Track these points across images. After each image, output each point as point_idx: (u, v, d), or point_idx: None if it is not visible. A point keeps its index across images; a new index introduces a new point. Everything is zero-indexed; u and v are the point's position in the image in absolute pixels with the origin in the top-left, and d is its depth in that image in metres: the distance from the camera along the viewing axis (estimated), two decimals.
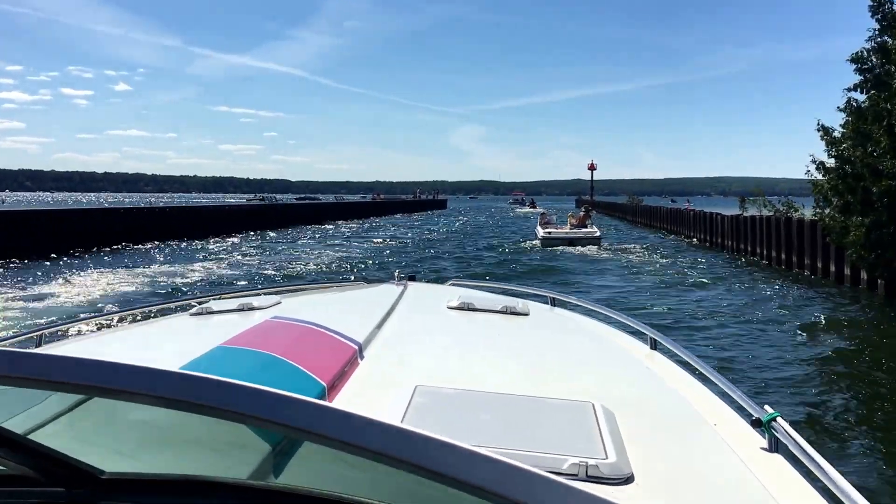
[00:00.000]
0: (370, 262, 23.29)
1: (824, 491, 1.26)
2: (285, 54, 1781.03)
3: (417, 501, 1.04)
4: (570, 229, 31.23)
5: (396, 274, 3.78)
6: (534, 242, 31.25)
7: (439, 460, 0.69)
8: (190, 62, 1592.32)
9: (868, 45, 14.82)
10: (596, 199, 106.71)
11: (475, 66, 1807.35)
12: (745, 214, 26.15)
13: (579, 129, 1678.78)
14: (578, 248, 28.12)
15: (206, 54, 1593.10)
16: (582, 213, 33.74)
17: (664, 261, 23.44)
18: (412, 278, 3.75)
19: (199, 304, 2.87)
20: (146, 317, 3.16)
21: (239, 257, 25.43)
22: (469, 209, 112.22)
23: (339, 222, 55.99)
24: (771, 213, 22.57)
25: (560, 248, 28.18)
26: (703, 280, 18.08)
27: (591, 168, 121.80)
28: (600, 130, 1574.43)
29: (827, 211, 16.03)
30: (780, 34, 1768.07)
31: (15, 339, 2.21)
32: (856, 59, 14.96)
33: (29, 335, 2.24)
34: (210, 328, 2.46)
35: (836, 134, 15.64)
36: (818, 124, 15.74)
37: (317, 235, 39.32)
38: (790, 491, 1.27)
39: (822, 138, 15.75)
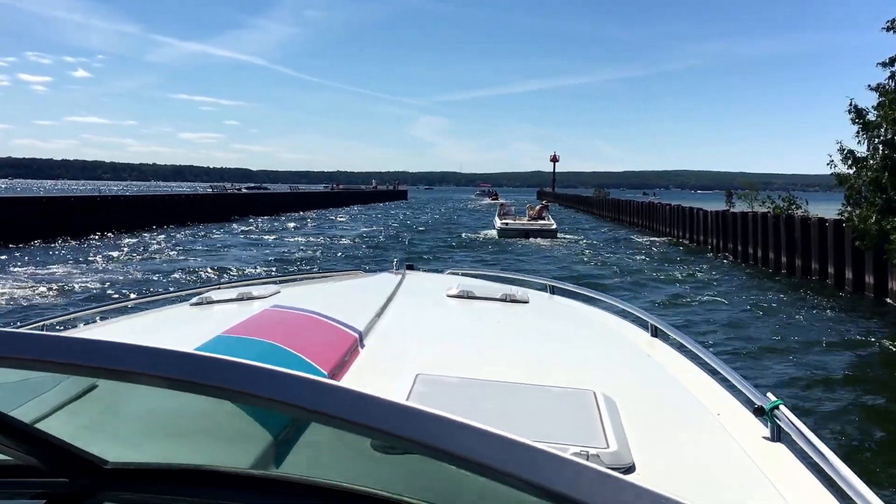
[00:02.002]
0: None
1: (827, 479, 1.23)
2: (246, 43, 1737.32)
3: (416, 489, 1.04)
4: (528, 221, 31.32)
5: (395, 262, 3.78)
6: (491, 233, 31.58)
7: (450, 439, 0.68)
8: (150, 49, 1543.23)
9: None
10: (558, 192, 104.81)
11: (436, 58, 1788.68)
12: (731, 210, 23.68)
13: (540, 121, 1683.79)
14: (533, 239, 28.20)
15: (166, 42, 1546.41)
16: (539, 206, 33.67)
17: (643, 259, 20.62)
18: (410, 267, 3.72)
19: (200, 293, 2.81)
20: (148, 306, 2.97)
21: (112, 265, 21.55)
22: (428, 201, 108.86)
23: (289, 214, 52.01)
24: (769, 210, 19.87)
25: (517, 239, 28.23)
26: (698, 283, 15.24)
27: (554, 160, 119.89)
28: (560, 124, 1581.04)
29: (858, 211, 13.15)
30: (738, 30, 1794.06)
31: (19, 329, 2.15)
32: None
33: (33, 325, 2.27)
34: (210, 317, 2.45)
35: (871, 117, 12.82)
36: (850, 105, 12.89)
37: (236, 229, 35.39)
38: (792, 479, 1.25)
39: (853, 121, 12.91)
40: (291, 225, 39.82)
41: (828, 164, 13.66)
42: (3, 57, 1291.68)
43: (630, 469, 1.20)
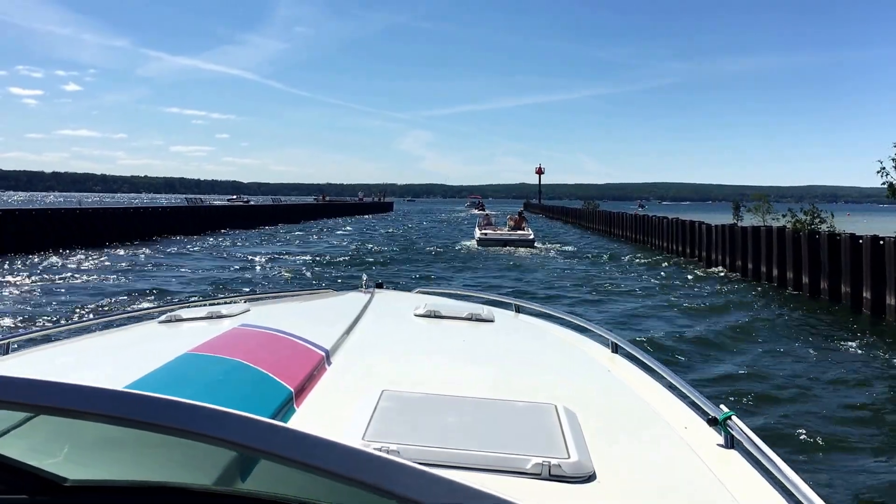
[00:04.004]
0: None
1: (778, 485, 1.27)
2: (237, 58, 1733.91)
3: None
4: (507, 231, 31.87)
5: (364, 281, 3.80)
6: (471, 243, 32.42)
7: (392, 480, 0.70)
8: (141, 63, 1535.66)
9: None
10: (545, 203, 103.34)
11: (423, 73, 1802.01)
12: (739, 224, 21.80)
13: (523, 135, 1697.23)
14: (510, 248, 28.66)
15: (157, 56, 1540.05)
16: (517, 217, 34.32)
17: (654, 276, 18.62)
18: (380, 286, 3.75)
19: (168, 311, 2.78)
20: (116, 324, 2.90)
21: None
22: (412, 212, 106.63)
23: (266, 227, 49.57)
24: (788, 225, 17.94)
25: (495, 248, 28.87)
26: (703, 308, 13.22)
27: (539, 172, 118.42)
28: (543, 138, 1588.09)
29: None
30: (713, 49, 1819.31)
31: None
32: None
33: None
34: (178, 335, 2.42)
35: None
36: None
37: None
38: (745, 486, 1.29)
39: None
40: (279, 237, 37.48)
41: (878, 172, 11.70)
42: None
43: (591, 478, 1.22)
